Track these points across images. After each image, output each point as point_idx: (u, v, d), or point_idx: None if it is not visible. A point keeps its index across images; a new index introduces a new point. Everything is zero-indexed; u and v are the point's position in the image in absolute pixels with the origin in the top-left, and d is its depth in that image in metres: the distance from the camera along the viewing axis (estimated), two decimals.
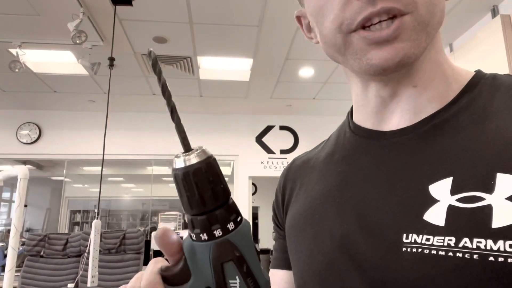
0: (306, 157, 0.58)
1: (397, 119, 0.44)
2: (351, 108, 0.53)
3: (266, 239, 8.32)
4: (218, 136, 5.03)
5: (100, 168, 2.93)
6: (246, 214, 4.89)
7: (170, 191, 8.63)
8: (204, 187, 0.30)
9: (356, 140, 0.48)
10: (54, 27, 2.90)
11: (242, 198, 4.93)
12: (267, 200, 8.28)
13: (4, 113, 4.79)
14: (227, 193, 0.30)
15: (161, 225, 4.45)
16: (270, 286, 0.33)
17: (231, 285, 0.30)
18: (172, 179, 0.34)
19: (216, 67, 3.79)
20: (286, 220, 0.55)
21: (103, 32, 3.03)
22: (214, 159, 0.31)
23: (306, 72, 3.85)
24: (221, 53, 3.46)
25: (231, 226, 0.30)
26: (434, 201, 0.36)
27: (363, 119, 0.49)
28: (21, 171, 2.42)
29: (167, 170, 8.50)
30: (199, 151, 0.31)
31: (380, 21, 0.38)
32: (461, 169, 0.36)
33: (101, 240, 2.89)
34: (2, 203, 9.49)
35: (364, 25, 0.39)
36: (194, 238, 0.30)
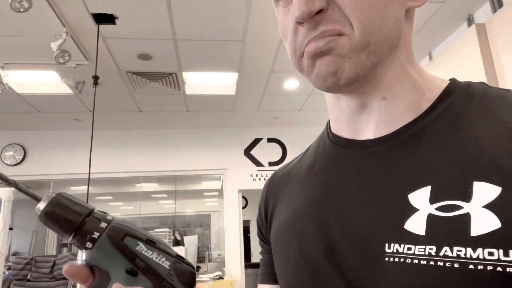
0: (287, 169, 0.59)
1: (373, 128, 0.45)
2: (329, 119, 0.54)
3: (259, 252, 8.24)
4: (206, 151, 5.02)
5: (87, 187, 2.89)
6: (236, 228, 4.86)
7: (160, 207, 8.53)
8: (62, 217, 0.36)
9: (336, 150, 0.49)
10: (37, 47, 2.90)
11: (233, 212, 4.91)
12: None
13: None
14: (85, 207, 0.38)
15: None
16: (170, 246, 0.41)
17: (139, 250, 0.38)
18: (162, 195, 0.39)
19: (202, 82, 3.81)
20: (271, 233, 0.55)
21: (87, 51, 3.03)
22: (59, 195, 0.37)
23: (291, 84, 3.90)
24: (206, 68, 3.49)
25: (109, 217, 0.38)
26: (414, 210, 0.37)
27: (340, 129, 0.49)
28: (5, 193, 2.37)
29: (156, 187, 8.42)
30: (44, 197, 0.37)
31: None
32: (439, 177, 0.37)
33: None
34: None
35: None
36: (89, 245, 0.37)
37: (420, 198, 0.37)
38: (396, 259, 0.36)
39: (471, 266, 0.32)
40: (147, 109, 4.38)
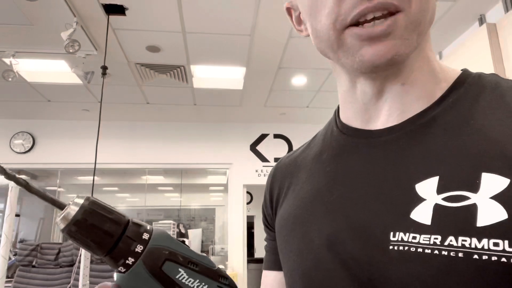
0: (293, 157, 0.59)
1: (385, 117, 0.45)
2: (338, 106, 0.54)
3: (262, 248, 8.27)
4: (213, 145, 5.03)
5: (92, 177, 2.92)
6: (240, 223, 4.88)
7: (165, 200, 8.59)
8: (96, 230, 0.30)
9: (344, 139, 0.49)
10: (48, 37, 2.92)
11: (237, 207, 4.93)
12: None
13: None
14: (121, 220, 0.31)
15: None
16: (210, 260, 0.35)
17: (180, 278, 0.32)
18: (167, 188, 0.35)
19: (210, 75, 3.81)
20: (276, 220, 0.55)
21: (97, 41, 3.05)
22: (91, 201, 0.31)
23: (298, 80, 3.89)
24: (215, 61, 3.49)
25: (145, 236, 0.32)
26: (420, 199, 0.37)
27: (350, 117, 0.49)
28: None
29: (162, 179, 8.48)
30: (71, 204, 0.31)
31: (374, 18, 0.38)
32: (447, 168, 0.37)
33: None
34: None
35: (358, 21, 0.38)
36: (123, 269, 0.31)
37: (427, 188, 0.37)
38: (401, 248, 0.36)
39: (475, 256, 0.31)
40: (155, 102, 4.41)
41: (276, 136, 5.16)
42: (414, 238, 0.35)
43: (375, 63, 0.39)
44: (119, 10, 2.65)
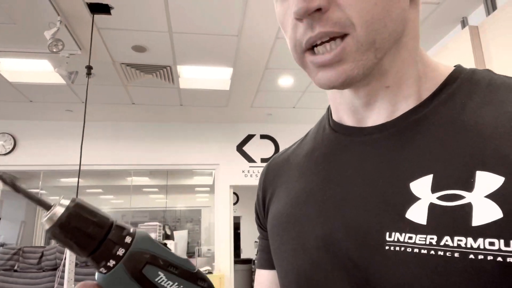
0: (285, 155, 0.58)
1: (376, 116, 0.44)
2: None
3: (249, 249, 8.27)
4: (199, 146, 5.01)
5: (75, 179, 2.87)
6: (227, 223, 4.87)
7: (150, 201, 8.50)
8: (79, 232, 0.31)
9: (336, 138, 0.49)
10: (31, 36, 2.86)
11: (223, 208, 4.91)
12: (249, 209, 8.26)
13: None
14: (104, 223, 0.32)
15: None
16: (190, 263, 0.35)
17: (159, 281, 0.33)
18: (153, 189, 0.35)
19: (196, 76, 3.79)
20: (268, 220, 0.55)
21: (81, 41, 3.00)
22: (76, 204, 0.31)
23: (285, 81, 3.91)
24: (201, 62, 3.47)
25: (128, 239, 0.32)
26: (415, 198, 0.36)
27: (342, 115, 0.49)
28: None
29: (147, 181, 8.38)
30: (57, 205, 0.31)
31: (323, 42, 0.39)
32: (441, 166, 0.36)
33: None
34: None
35: (313, 45, 0.40)
36: (104, 271, 0.32)
37: (421, 186, 0.37)
38: (397, 248, 0.35)
39: (471, 256, 0.31)
40: (140, 102, 4.36)
41: (263, 136, 5.17)
42: (410, 238, 0.35)
43: (330, 86, 0.41)
44: (104, 9, 2.61)
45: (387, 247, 0.36)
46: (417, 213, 0.35)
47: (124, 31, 2.90)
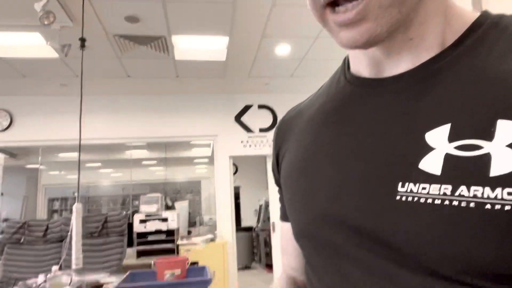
0: (298, 109, 0.58)
1: (395, 67, 0.43)
2: (348, 56, 0.51)
3: (249, 217, 8.44)
4: (197, 117, 5.00)
5: (76, 153, 2.88)
6: (228, 194, 4.94)
7: (150, 174, 8.58)
8: None
9: (350, 90, 0.47)
10: (21, 8, 2.78)
11: (223, 179, 4.97)
12: (248, 179, 8.35)
13: None
14: None
15: (143, 208, 4.45)
16: None
17: None
18: (152, 162, 0.33)
19: (192, 46, 3.73)
20: (281, 171, 0.55)
21: (72, 13, 2.92)
22: None
23: (282, 49, 3.85)
24: (196, 31, 3.41)
25: None
26: (430, 149, 0.35)
27: (360, 69, 0.47)
28: None
29: (145, 154, 8.42)
30: None
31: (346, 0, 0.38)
32: (461, 115, 0.35)
33: (83, 225, 2.87)
34: None
35: (332, 1, 0.39)
36: None
37: (438, 136, 0.35)
38: (409, 198, 0.35)
39: (487, 206, 0.30)
40: (136, 75, 4.31)
41: (261, 106, 5.15)
42: (423, 188, 0.34)
43: (352, 46, 0.39)
44: None
45: (398, 197, 0.36)
46: (432, 163, 0.35)
47: (116, 1, 2.82)
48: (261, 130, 5.07)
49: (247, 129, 5.08)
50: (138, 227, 4.21)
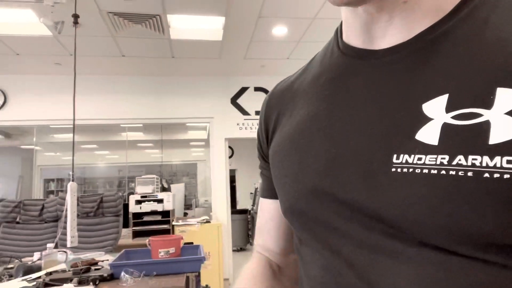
0: (289, 82, 0.56)
1: (390, 37, 0.41)
2: (340, 25, 0.49)
3: (244, 200, 8.50)
4: (193, 99, 4.97)
5: (71, 135, 2.87)
6: (223, 176, 4.96)
7: (146, 156, 8.57)
8: None
9: (344, 61, 0.45)
10: None
11: (219, 161, 4.97)
12: (244, 162, 8.38)
13: None
14: None
15: (138, 189, 4.46)
16: None
17: None
18: (148, 144, 0.32)
19: (188, 26, 3.67)
20: (270, 147, 0.53)
21: None
22: None
23: (279, 30, 3.80)
24: (192, 10, 3.35)
25: None
26: (427, 119, 0.34)
27: (353, 37, 0.45)
28: None
29: (141, 136, 8.38)
30: None
31: None
32: (459, 84, 0.34)
33: (78, 205, 2.88)
34: None
35: None
36: None
37: (435, 107, 0.34)
38: (405, 169, 0.34)
39: (486, 175, 0.30)
40: (131, 54, 4.25)
41: (257, 89, 5.13)
42: (419, 159, 0.33)
43: (343, 1, 0.38)
44: None
45: (393, 169, 0.35)
46: (428, 134, 0.34)
47: None
48: (257, 112, 5.05)
49: (243, 111, 5.06)
50: (133, 208, 4.22)
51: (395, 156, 0.35)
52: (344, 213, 0.39)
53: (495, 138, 0.30)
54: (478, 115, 0.32)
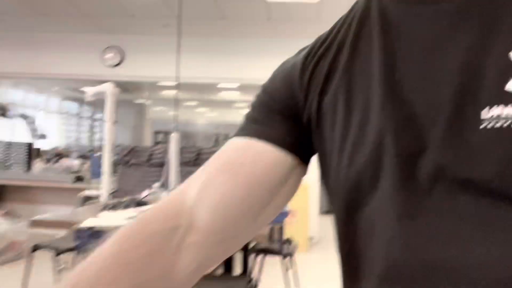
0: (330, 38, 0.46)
1: None
2: None
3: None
4: None
5: (175, 91, 3.16)
6: None
7: (242, 116, 8.98)
8: None
9: (406, 12, 0.37)
10: None
11: None
12: None
13: (89, 37, 5.21)
14: None
15: None
16: None
17: None
18: (244, 104, 0.29)
19: None
20: (325, 99, 0.42)
21: None
22: None
23: None
24: None
25: None
26: None
27: None
28: (109, 87, 2.75)
29: (238, 95, 8.74)
30: None
31: None
32: None
33: (180, 155, 3.23)
34: (95, 123, 10.66)
35: None
36: None
37: None
38: (497, 125, 0.29)
39: None
40: (229, 16, 4.40)
41: None
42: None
43: None
44: None
45: (482, 126, 0.30)
46: None
47: None
48: None
49: None
50: None
51: (482, 111, 0.30)
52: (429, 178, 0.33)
53: None
54: None
